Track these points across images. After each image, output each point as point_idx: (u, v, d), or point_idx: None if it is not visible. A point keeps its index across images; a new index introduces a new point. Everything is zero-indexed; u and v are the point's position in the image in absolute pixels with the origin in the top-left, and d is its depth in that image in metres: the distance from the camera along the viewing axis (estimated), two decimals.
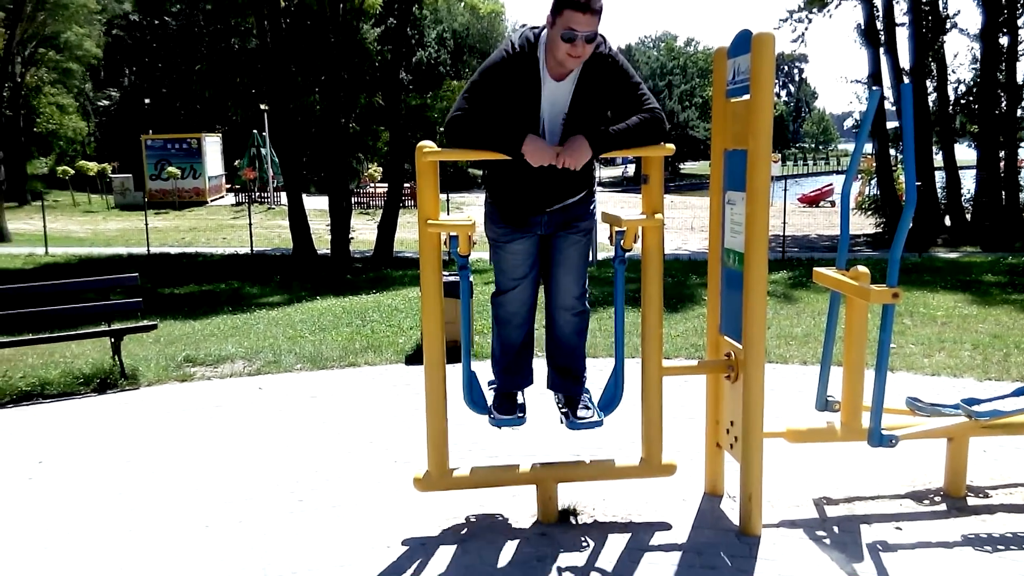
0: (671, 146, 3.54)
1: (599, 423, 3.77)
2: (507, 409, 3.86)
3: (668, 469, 3.83)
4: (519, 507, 3.94)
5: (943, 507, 3.90)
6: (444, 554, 3.56)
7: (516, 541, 3.64)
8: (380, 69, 24.85)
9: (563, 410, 3.89)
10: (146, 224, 22.04)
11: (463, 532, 3.75)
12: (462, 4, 24.14)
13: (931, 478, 4.17)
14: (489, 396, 3.93)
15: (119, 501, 4.27)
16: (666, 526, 3.74)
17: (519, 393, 4.00)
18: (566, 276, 3.77)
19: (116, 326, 7.09)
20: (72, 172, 38.02)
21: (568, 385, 3.92)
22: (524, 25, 3.59)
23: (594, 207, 3.79)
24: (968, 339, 7.53)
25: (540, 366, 4.01)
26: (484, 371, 4.05)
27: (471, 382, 3.82)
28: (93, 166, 39.33)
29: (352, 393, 6.34)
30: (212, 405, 6.11)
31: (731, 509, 3.86)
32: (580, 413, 3.79)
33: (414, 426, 4.99)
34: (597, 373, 4.07)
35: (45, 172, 43.79)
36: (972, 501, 3.95)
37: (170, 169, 36.28)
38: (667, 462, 3.82)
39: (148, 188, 35.89)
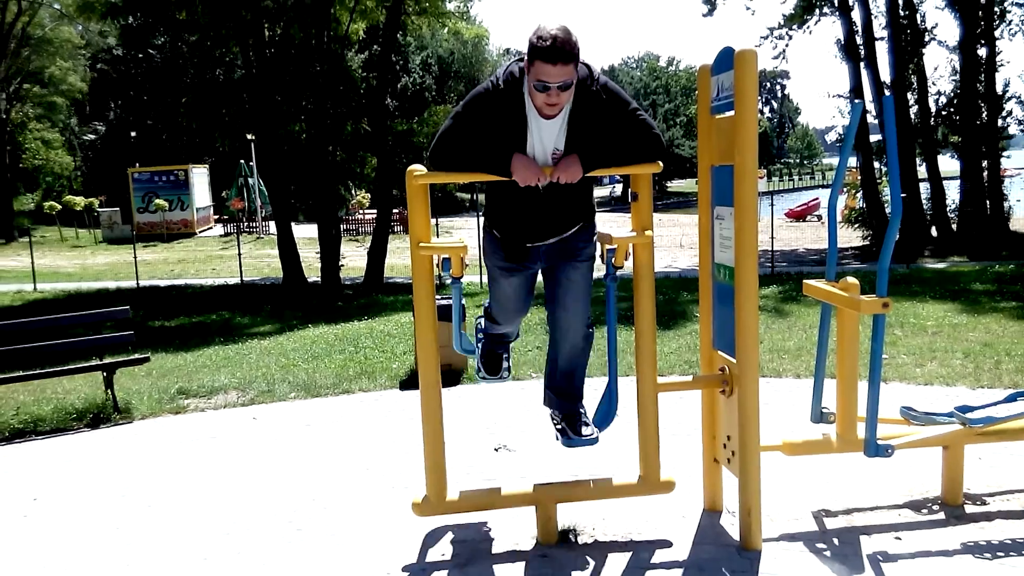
0: (659, 163, 3.56)
1: (595, 440, 3.76)
2: (493, 368, 4.13)
3: (667, 486, 3.83)
4: (519, 529, 3.92)
5: (941, 516, 3.91)
6: None
7: (517, 563, 3.63)
8: (365, 96, 24.95)
9: (559, 427, 3.86)
10: (135, 257, 21.98)
11: (464, 556, 3.73)
12: (446, 30, 24.30)
13: (928, 487, 4.18)
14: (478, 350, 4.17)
15: (116, 536, 4.24)
16: (667, 543, 3.74)
17: (504, 351, 4.21)
18: (574, 304, 3.74)
19: (108, 360, 7.06)
20: (59, 207, 37.91)
21: (566, 404, 3.88)
22: (508, 52, 3.58)
23: (595, 235, 3.76)
24: (959, 348, 7.57)
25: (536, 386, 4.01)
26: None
27: (460, 336, 4.00)
28: (80, 201, 39.23)
29: (347, 420, 6.32)
30: (207, 437, 6.08)
31: (731, 524, 3.85)
32: (582, 431, 3.75)
33: (410, 451, 4.98)
34: (591, 392, 4.08)
35: (32, 208, 43.67)
36: (970, 509, 3.96)
37: (158, 201, 36.23)
38: (665, 479, 3.82)
39: (136, 221, 35.82)
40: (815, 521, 3.91)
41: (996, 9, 22.51)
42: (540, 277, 3.86)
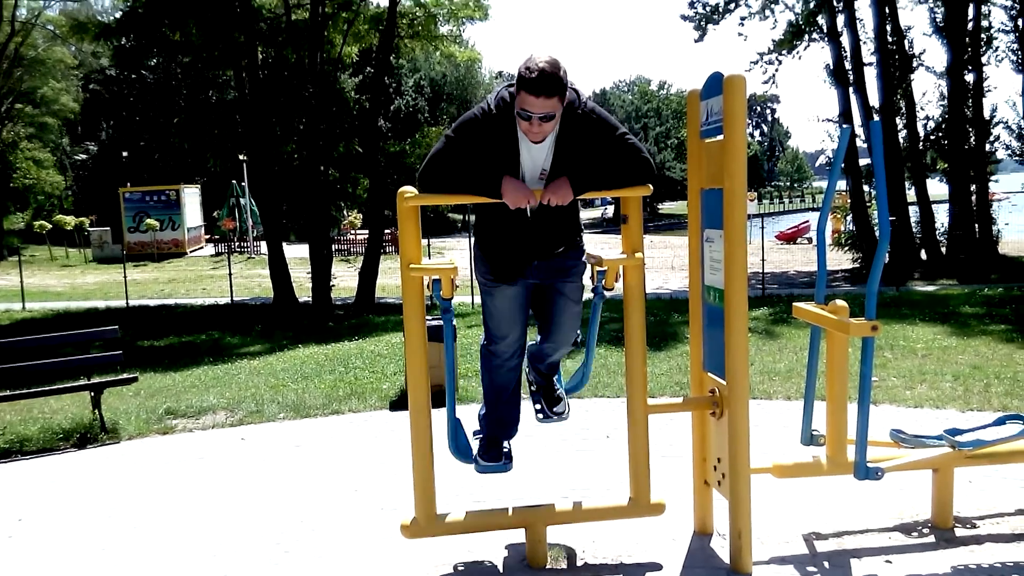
0: (649, 186, 3.58)
1: (566, 417, 4.08)
2: (493, 456, 3.87)
3: (657, 508, 3.81)
4: (508, 552, 3.90)
5: (931, 539, 3.90)
6: None
7: None
8: (358, 117, 25.06)
9: (535, 394, 4.11)
10: (124, 277, 21.91)
11: None
12: (439, 53, 24.47)
13: (918, 510, 4.18)
14: (474, 445, 3.92)
15: (101, 558, 4.19)
16: (657, 566, 3.72)
17: (505, 440, 3.99)
18: (565, 323, 3.81)
19: (96, 380, 7.02)
20: (49, 227, 37.83)
21: (542, 377, 4.13)
22: (500, 75, 3.63)
23: (584, 254, 3.79)
24: (949, 371, 7.59)
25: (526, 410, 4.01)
26: (468, 418, 4.04)
27: (456, 430, 3.80)
28: (71, 220, 39.16)
29: (336, 441, 6.29)
30: (194, 457, 6.04)
31: (721, 547, 3.84)
32: (555, 408, 4.06)
33: (400, 473, 4.95)
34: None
35: (22, 227, 43.53)
36: (960, 532, 3.96)
37: (149, 221, 36.20)
38: (656, 501, 3.80)
39: (126, 241, 35.75)
40: (805, 544, 3.90)
41: (983, 36, 22.79)
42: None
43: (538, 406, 4.08)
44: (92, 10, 43.36)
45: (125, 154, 44.26)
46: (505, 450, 3.93)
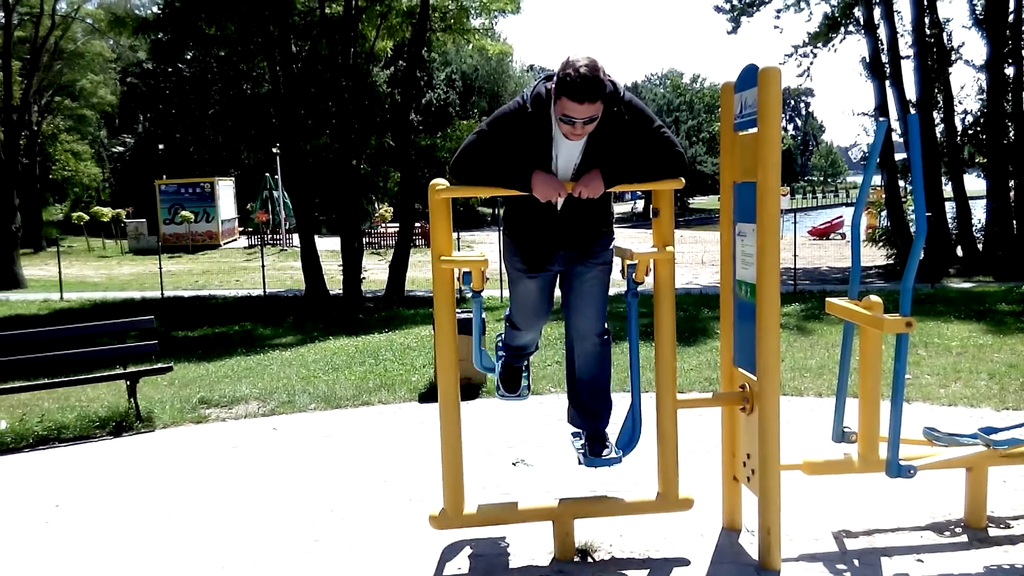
0: (681, 180, 3.56)
1: (618, 460, 3.75)
2: (512, 386, 4.16)
3: (685, 504, 3.81)
4: (536, 544, 3.91)
5: (964, 538, 3.86)
6: None
7: None
8: (390, 111, 25.15)
9: (581, 450, 3.84)
10: (160, 268, 22.20)
11: (480, 571, 3.73)
12: (470, 46, 24.49)
13: (951, 509, 4.13)
14: (497, 366, 4.19)
15: (136, 544, 4.27)
16: (684, 562, 3.71)
17: (524, 370, 4.23)
18: (588, 307, 3.74)
19: (131, 369, 7.13)
20: (87, 218, 38.45)
21: (589, 423, 3.86)
22: (531, 68, 3.61)
23: (612, 241, 3.78)
24: (984, 369, 7.47)
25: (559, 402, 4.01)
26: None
27: (481, 354, 4.02)
28: (108, 212, 39.80)
29: (366, 432, 6.34)
30: (227, 446, 6.12)
31: (750, 543, 3.82)
32: (602, 453, 3.76)
33: (429, 464, 4.98)
34: (615, 412, 4.06)
35: (60, 218, 44.32)
36: (993, 532, 3.91)
37: (184, 213, 36.69)
38: (684, 496, 3.80)
39: (162, 232, 36.26)
40: (835, 541, 3.87)
41: None
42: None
43: (580, 450, 3.84)
44: (130, 4, 43.91)
45: (161, 147, 44.86)
46: (524, 383, 4.21)
